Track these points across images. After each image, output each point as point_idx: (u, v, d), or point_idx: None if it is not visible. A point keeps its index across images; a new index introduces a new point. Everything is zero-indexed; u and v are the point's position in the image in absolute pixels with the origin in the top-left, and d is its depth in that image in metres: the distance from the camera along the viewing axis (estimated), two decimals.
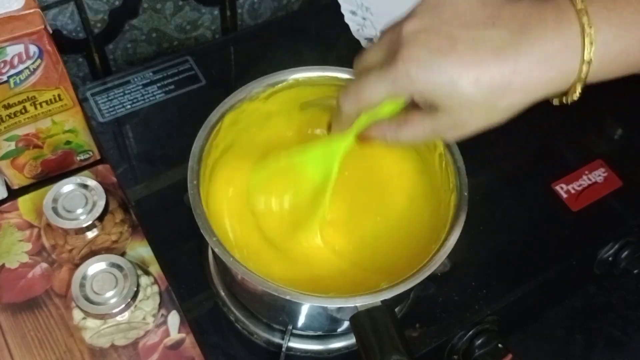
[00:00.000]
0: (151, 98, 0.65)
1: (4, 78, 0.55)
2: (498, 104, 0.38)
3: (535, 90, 0.38)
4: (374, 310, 0.41)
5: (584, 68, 0.37)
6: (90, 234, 0.58)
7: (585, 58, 0.36)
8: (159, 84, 0.66)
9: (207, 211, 0.45)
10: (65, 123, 0.63)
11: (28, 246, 0.61)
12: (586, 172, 0.62)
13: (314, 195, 0.49)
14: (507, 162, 0.64)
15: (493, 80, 0.37)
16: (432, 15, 0.39)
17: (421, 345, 0.52)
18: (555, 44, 0.37)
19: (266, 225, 0.50)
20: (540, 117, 0.67)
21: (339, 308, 0.45)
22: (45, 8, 0.64)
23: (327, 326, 0.51)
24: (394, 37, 0.40)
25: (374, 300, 0.41)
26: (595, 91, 0.72)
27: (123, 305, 0.53)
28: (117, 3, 0.69)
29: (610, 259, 0.61)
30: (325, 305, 0.44)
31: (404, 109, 0.42)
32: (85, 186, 0.59)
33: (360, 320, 0.41)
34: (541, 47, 0.37)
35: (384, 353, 0.39)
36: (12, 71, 0.55)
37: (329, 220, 0.50)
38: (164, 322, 0.57)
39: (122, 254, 0.60)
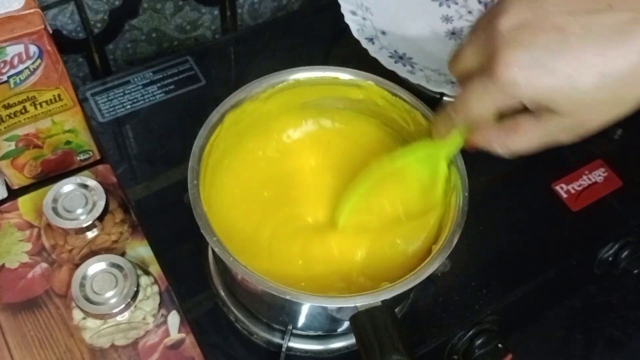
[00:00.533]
0: (151, 98, 0.65)
1: (4, 78, 0.55)
2: (627, 96, 0.34)
3: None
4: (374, 310, 0.41)
5: None
6: (90, 234, 0.58)
7: None
8: (159, 84, 0.66)
9: (207, 211, 0.45)
10: (65, 123, 0.63)
11: (28, 246, 0.61)
12: (586, 172, 0.62)
13: (419, 198, 0.49)
14: (507, 162, 0.64)
15: (619, 71, 0.32)
16: (531, 3, 0.34)
17: (421, 345, 0.52)
18: None
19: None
20: None
21: (339, 308, 0.45)
22: (45, 8, 0.64)
23: (327, 326, 0.51)
24: (489, 35, 0.34)
25: (374, 300, 0.41)
26: None
27: (123, 305, 0.53)
28: (117, 3, 0.69)
29: (610, 259, 0.61)
30: (325, 305, 0.44)
31: (511, 117, 0.38)
32: (85, 186, 0.59)
33: (361, 320, 0.41)
34: None
35: (384, 353, 0.39)
36: (12, 71, 0.55)
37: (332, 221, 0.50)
38: (164, 322, 0.57)
39: (122, 254, 0.60)
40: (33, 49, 0.54)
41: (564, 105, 0.34)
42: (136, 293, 0.54)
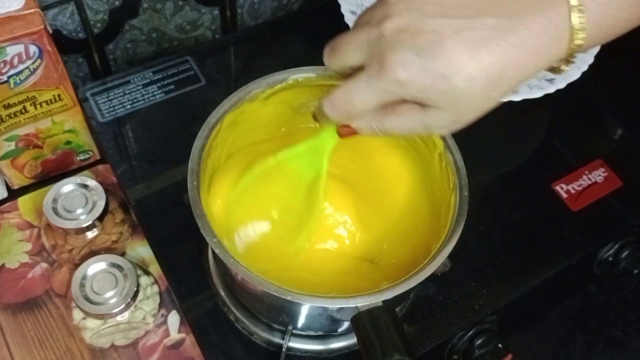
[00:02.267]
0: (151, 98, 0.65)
1: (4, 78, 0.55)
2: (492, 94, 0.37)
3: (526, 74, 0.37)
4: (375, 311, 0.41)
5: (574, 47, 0.37)
6: (90, 234, 0.58)
7: (575, 41, 0.36)
8: (159, 84, 0.66)
9: (207, 212, 0.45)
10: (65, 123, 0.63)
11: (28, 246, 0.61)
12: (586, 172, 0.62)
13: (305, 197, 0.49)
14: (507, 162, 0.64)
15: (486, 73, 0.36)
16: (412, 8, 0.37)
17: (421, 345, 0.52)
18: (546, 30, 0.36)
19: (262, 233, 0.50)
20: (540, 117, 0.67)
21: (340, 308, 0.45)
22: (45, 8, 0.64)
23: (327, 326, 0.50)
24: (374, 37, 0.38)
25: (375, 300, 0.41)
26: (595, 91, 0.73)
27: (123, 305, 0.53)
28: (117, 3, 0.69)
29: (610, 259, 0.61)
30: (326, 306, 0.44)
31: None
32: (85, 186, 0.59)
33: (362, 321, 0.41)
34: (531, 34, 0.36)
35: (386, 353, 0.39)
36: (12, 71, 0.55)
37: (331, 224, 0.50)
38: (164, 322, 0.57)
39: (122, 254, 0.60)
40: (33, 49, 0.54)
41: (441, 101, 0.37)
42: (136, 293, 0.54)
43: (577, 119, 0.67)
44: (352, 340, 0.52)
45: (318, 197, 0.48)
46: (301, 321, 0.49)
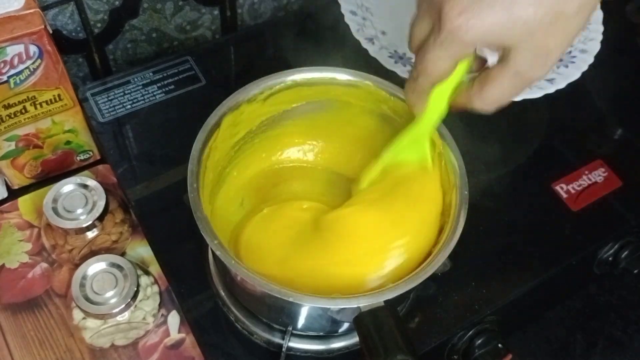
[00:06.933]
0: (151, 98, 0.65)
1: (4, 78, 0.55)
2: (567, 10, 0.35)
3: None
4: (377, 311, 0.41)
5: None
6: (90, 234, 0.58)
7: None
8: (159, 84, 0.66)
9: (208, 213, 0.45)
10: (65, 123, 0.63)
11: (28, 246, 0.61)
12: (586, 172, 0.62)
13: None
14: (507, 162, 0.64)
15: None
16: None
17: (421, 345, 0.52)
18: None
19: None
20: (540, 117, 0.67)
21: (341, 309, 0.45)
22: (45, 8, 0.64)
23: (327, 327, 0.50)
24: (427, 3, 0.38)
25: (377, 300, 0.41)
26: (595, 91, 0.73)
27: (123, 305, 0.53)
28: (117, 3, 0.69)
29: (610, 259, 0.61)
30: (328, 307, 0.44)
31: (482, 72, 0.40)
32: (85, 186, 0.59)
33: (364, 321, 0.41)
34: None
35: (388, 353, 0.39)
36: (12, 71, 0.55)
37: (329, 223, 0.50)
38: (164, 322, 0.57)
39: (122, 254, 0.60)
40: (33, 49, 0.54)
41: (513, 36, 0.36)
42: (136, 293, 0.54)
43: (577, 119, 0.67)
44: (352, 340, 0.52)
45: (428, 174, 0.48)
46: (301, 322, 0.49)
